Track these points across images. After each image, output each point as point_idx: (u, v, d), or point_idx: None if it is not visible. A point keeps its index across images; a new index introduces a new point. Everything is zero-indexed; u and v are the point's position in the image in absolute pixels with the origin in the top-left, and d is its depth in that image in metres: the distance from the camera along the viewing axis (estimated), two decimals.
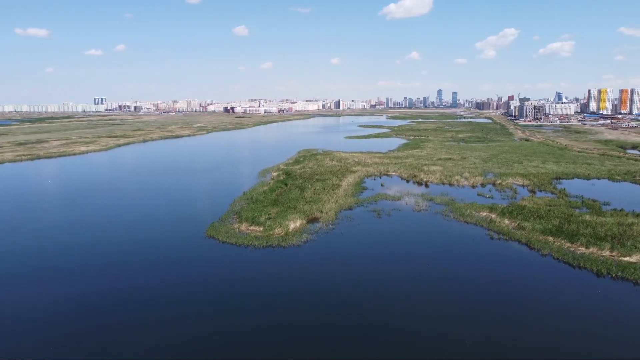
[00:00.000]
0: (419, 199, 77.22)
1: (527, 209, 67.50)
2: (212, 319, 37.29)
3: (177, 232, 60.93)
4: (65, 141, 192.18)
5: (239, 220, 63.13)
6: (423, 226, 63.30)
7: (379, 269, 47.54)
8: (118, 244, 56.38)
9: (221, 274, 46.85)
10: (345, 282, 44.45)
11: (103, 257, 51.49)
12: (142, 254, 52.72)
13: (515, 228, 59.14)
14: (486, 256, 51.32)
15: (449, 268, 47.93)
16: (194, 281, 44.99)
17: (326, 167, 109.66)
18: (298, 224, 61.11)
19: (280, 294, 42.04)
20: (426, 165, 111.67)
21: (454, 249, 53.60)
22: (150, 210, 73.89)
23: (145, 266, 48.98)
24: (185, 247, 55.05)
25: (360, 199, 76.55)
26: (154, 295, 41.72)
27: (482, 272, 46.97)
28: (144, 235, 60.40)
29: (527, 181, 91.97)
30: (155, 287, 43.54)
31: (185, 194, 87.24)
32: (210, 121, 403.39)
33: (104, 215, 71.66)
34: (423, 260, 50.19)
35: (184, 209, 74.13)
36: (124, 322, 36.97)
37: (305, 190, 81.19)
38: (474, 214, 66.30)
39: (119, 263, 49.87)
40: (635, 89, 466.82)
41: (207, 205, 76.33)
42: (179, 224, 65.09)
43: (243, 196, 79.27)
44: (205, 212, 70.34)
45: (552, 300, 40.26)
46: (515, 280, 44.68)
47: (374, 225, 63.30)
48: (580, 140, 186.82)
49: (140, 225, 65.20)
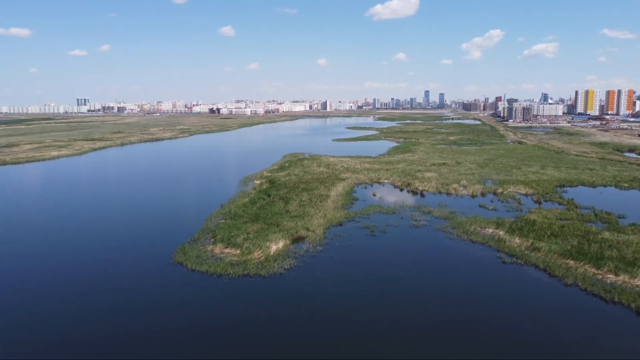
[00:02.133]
0: (416, 211, 69.72)
1: (538, 224, 60.39)
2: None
3: (139, 256, 52.38)
4: (38, 145, 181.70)
5: (214, 241, 54.95)
6: (423, 247, 55.65)
7: (376, 306, 39.83)
8: (59, 274, 47.73)
9: (183, 316, 38.45)
10: (335, 324, 36.61)
11: (35, 295, 42.96)
12: (87, 288, 44.00)
13: (529, 249, 51.87)
14: (500, 287, 43.81)
15: (459, 303, 40.29)
16: (147, 328, 36.64)
17: (313, 174, 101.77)
18: (281, 245, 53.15)
19: (254, 340, 34.08)
20: (420, 172, 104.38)
21: (461, 277, 46.01)
22: (112, 228, 64.74)
23: (87, 305, 40.40)
24: (144, 278, 46.36)
25: (351, 213, 68.80)
26: (93, 345, 33.47)
27: (499, 308, 39.50)
28: (97, 262, 50.95)
29: (530, 190, 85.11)
30: (94, 331, 35.25)
31: (156, 207, 78.49)
32: (194, 123, 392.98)
33: (54, 231, 63.14)
34: (428, 292, 42.57)
35: (152, 227, 65.57)
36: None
37: (289, 202, 73.23)
38: (479, 231, 58.96)
39: (51, 302, 41.04)
40: (622, 90, 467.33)
41: (179, 221, 67.76)
42: (143, 245, 56.61)
43: (221, 209, 71.06)
44: (177, 229, 61.96)
45: (589, 351, 32.88)
46: (540, 318, 37.16)
47: (367, 245, 55.57)
48: (574, 143, 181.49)
49: (94, 247, 56.01)
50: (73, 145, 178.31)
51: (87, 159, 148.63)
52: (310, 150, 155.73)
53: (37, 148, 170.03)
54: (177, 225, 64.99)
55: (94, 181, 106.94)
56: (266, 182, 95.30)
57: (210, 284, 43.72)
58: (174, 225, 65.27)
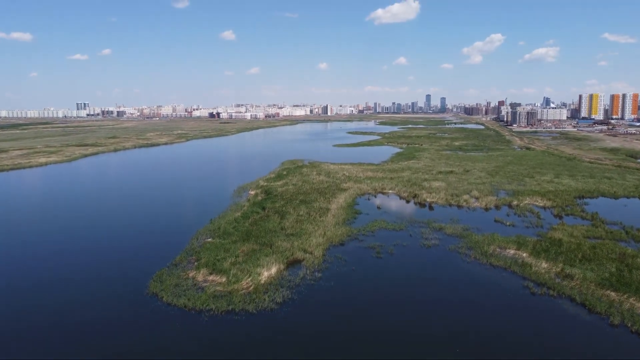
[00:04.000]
0: (426, 228, 62.79)
1: (565, 244, 53.46)
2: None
3: (111, 286, 45.09)
4: (27, 151, 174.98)
5: (197, 265, 48.04)
6: (437, 273, 48.46)
7: (386, 349, 32.85)
8: (13, 305, 40.85)
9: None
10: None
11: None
12: (37, 326, 37.25)
13: (560, 276, 44.91)
14: (533, 327, 36.62)
15: (487, 350, 33.27)
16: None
17: (312, 183, 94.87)
18: (273, 271, 46.25)
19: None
20: (426, 181, 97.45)
21: (486, 315, 38.94)
22: (84, 248, 57.43)
23: (32, 350, 33.64)
24: (109, 316, 38.76)
25: (354, 229, 61.83)
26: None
27: (536, 357, 32.47)
28: (57, 294, 43.43)
29: (547, 201, 78.21)
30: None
31: (137, 222, 71.26)
32: (192, 127, 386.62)
33: (16, 252, 56.05)
34: (447, 334, 35.54)
35: (130, 247, 58.45)
36: None
37: (285, 217, 66.35)
38: (499, 252, 52.03)
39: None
40: (627, 95, 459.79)
41: (162, 239, 60.70)
42: (117, 270, 49.47)
43: (210, 225, 64.18)
44: (158, 250, 55.08)
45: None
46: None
47: (373, 271, 48.57)
48: (584, 149, 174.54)
49: (58, 274, 48.45)
50: (64, 151, 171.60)
51: (76, 166, 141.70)
52: (310, 157, 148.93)
53: (25, 154, 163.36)
54: (159, 244, 58.07)
55: (75, 191, 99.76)
56: (262, 192, 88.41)
57: (186, 324, 36.69)
58: (156, 244, 58.34)
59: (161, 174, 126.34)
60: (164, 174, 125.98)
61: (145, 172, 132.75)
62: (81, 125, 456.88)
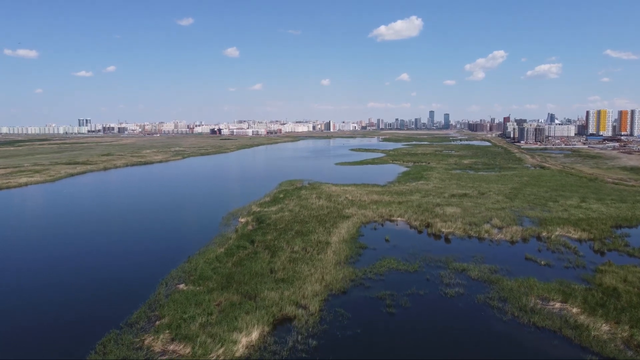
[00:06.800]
0: (445, 269, 52.07)
1: (624, 295, 42.74)
2: None
3: (46, 355, 34.56)
4: (12, 170, 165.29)
5: (157, 327, 37.37)
6: (467, 338, 37.37)
7: None
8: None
9: None
10: None
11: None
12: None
13: (628, 345, 34.12)
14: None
15: None
16: None
17: (311, 209, 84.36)
18: (254, 337, 35.56)
19: None
20: (439, 206, 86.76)
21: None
22: (27, 298, 47.14)
23: None
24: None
25: (359, 271, 51.06)
26: None
27: None
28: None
29: (582, 232, 67.53)
30: None
31: (96, 264, 57.90)
32: (191, 144, 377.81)
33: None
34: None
35: (76, 300, 46.13)
36: None
37: (277, 255, 55.75)
38: (541, 306, 41.26)
39: None
40: (636, 110, 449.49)
41: (122, 287, 49.11)
42: (63, 331, 38.85)
43: (186, 265, 53.60)
44: (113, 302, 44.40)
45: None
46: None
47: (383, 333, 37.76)
48: (602, 168, 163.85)
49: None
50: (49, 171, 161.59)
51: (57, 187, 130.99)
52: (311, 176, 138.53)
53: (8, 174, 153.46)
54: (118, 293, 47.17)
55: (41, 219, 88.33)
56: (253, 220, 77.84)
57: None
58: (114, 294, 47.23)
59: (144, 196, 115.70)
60: (148, 196, 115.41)
61: (127, 194, 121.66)
62: (79, 142, 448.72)
